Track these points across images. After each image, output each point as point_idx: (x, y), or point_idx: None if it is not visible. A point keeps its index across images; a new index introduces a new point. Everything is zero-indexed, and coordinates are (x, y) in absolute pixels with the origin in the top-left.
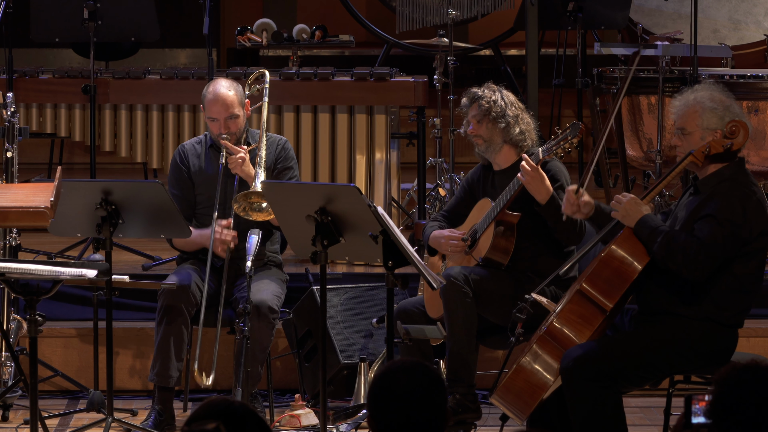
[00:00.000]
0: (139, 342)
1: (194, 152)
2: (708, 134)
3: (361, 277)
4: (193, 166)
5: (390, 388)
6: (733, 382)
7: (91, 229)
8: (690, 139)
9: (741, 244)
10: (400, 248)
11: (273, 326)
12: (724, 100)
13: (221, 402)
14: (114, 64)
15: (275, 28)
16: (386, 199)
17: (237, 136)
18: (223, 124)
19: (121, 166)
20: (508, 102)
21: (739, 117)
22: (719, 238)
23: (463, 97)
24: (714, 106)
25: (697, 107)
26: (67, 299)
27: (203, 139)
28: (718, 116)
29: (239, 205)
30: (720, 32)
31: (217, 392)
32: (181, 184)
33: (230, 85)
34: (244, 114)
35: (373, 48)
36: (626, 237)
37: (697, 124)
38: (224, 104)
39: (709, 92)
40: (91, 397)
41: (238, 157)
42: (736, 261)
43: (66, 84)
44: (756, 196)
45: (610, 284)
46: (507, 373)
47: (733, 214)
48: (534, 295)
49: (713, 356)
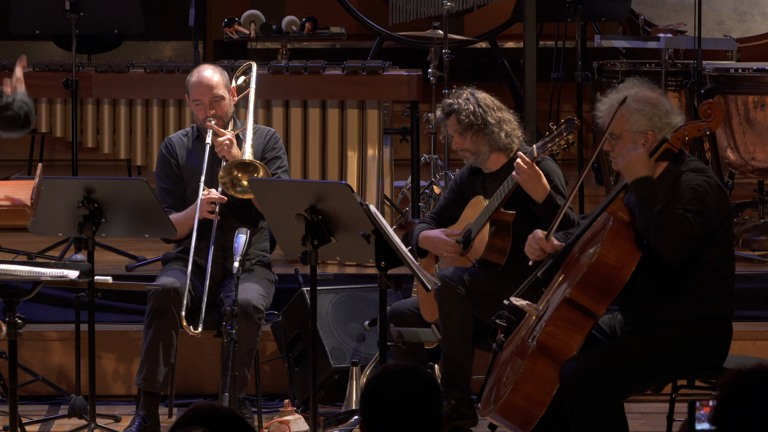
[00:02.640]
0: (122, 345)
1: (181, 144)
2: (639, 137)
3: (352, 278)
4: (181, 159)
5: (383, 394)
6: (738, 388)
7: (72, 229)
8: (621, 144)
9: (712, 232)
10: (393, 248)
11: (259, 326)
12: (651, 97)
13: (208, 407)
14: (96, 57)
15: (264, 19)
16: (379, 198)
17: (224, 121)
18: (208, 106)
19: (104, 163)
20: (485, 107)
21: (668, 114)
22: (696, 230)
23: (437, 109)
24: (640, 107)
25: (623, 110)
26: (48, 301)
27: (190, 131)
28: (646, 117)
29: (225, 177)
30: (725, 24)
31: (203, 397)
32: (171, 176)
33: (215, 69)
34: (230, 98)
35: (365, 40)
36: (613, 239)
37: (626, 127)
38: (209, 85)
39: (634, 90)
40: (73, 403)
41: (225, 139)
42: (708, 248)
43: (47, 78)
44: (713, 180)
45: (601, 290)
46: (497, 387)
47: (703, 206)
48: (513, 299)
49: (711, 353)
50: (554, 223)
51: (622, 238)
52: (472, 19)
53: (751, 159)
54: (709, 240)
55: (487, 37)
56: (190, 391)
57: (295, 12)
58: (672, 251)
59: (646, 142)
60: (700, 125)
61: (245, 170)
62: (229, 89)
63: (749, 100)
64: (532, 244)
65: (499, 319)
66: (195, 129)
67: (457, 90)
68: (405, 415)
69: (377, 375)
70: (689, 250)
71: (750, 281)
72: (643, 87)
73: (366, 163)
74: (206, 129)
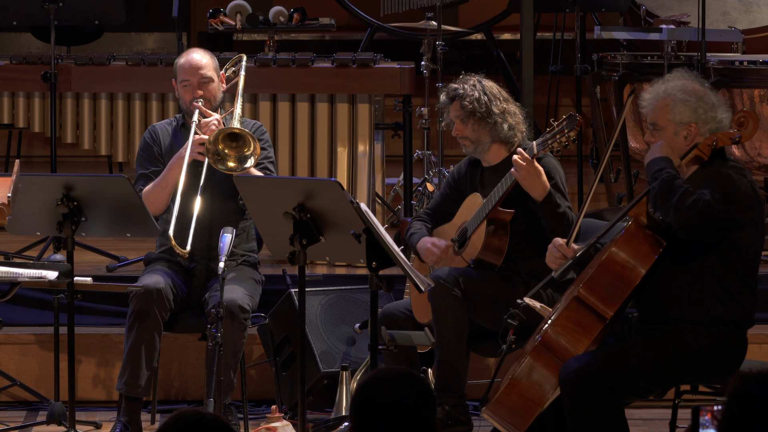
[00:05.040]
0: (103, 349)
1: (165, 132)
2: (681, 129)
3: (342, 279)
4: (165, 146)
5: (374, 399)
6: (745, 394)
7: (51, 228)
8: (663, 135)
9: (732, 218)
10: (385, 248)
11: (245, 328)
12: (698, 89)
13: (192, 414)
14: (76, 49)
15: (250, 10)
16: (370, 195)
17: (212, 105)
18: (196, 86)
19: (84, 160)
20: (491, 96)
21: (714, 108)
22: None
23: (440, 93)
24: (686, 98)
25: (668, 100)
26: (25, 303)
27: (174, 120)
28: (690, 108)
29: (212, 148)
30: (730, 15)
31: (187, 403)
32: (154, 161)
33: (204, 52)
34: (219, 82)
35: (355, 32)
36: (628, 239)
37: (669, 118)
38: (198, 65)
39: (681, 82)
40: (52, 409)
41: (213, 119)
42: (732, 254)
43: (24, 71)
44: (748, 177)
45: (611, 290)
46: (499, 385)
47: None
48: (527, 299)
49: (723, 365)
50: (573, 229)
51: (638, 240)
52: (467, 9)
53: (756, 155)
54: (729, 231)
55: (483, 28)
56: (173, 396)
57: (283, 2)
58: (679, 216)
59: (689, 135)
60: (731, 134)
61: (233, 145)
62: (218, 73)
63: (755, 94)
64: (553, 252)
65: (512, 318)
66: (181, 117)
67: (465, 76)
68: (397, 422)
69: (368, 380)
70: (701, 220)
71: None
72: (691, 78)
73: (356, 160)
74: (192, 111)
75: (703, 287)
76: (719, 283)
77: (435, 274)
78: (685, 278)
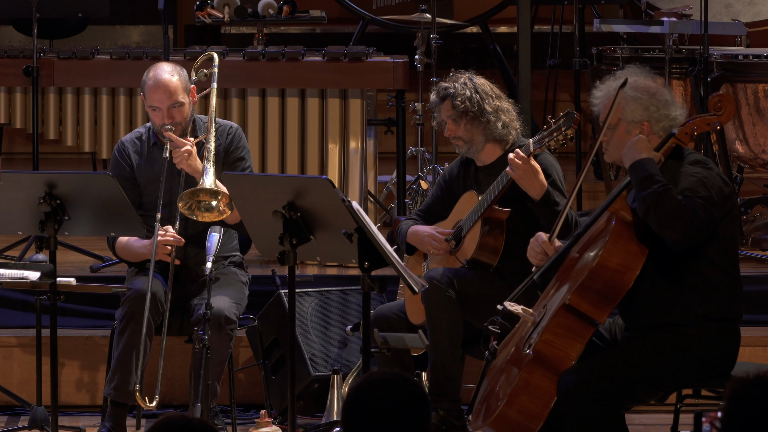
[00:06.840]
0: (86, 352)
1: (135, 148)
2: (633, 127)
3: (333, 279)
4: (135, 163)
5: (366, 404)
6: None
7: (33, 227)
8: (615, 134)
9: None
10: (378, 248)
11: (231, 338)
12: (650, 86)
13: (179, 419)
14: (59, 42)
15: (238, 2)
16: (362, 193)
17: (183, 127)
18: (166, 114)
19: (67, 156)
20: (483, 94)
21: (667, 105)
22: (700, 212)
23: (431, 92)
24: (637, 96)
25: (619, 98)
26: (6, 304)
27: (144, 132)
28: (642, 106)
29: (185, 204)
30: (733, 7)
31: (173, 408)
32: (124, 183)
33: (173, 69)
34: (190, 101)
35: (347, 25)
36: (616, 241)
37: (620, 116)
38: (167, 91)
39: (632, 79)
40: (34, 413)
41: (184, 150)
42: (711, 244)
43: (5, 65)
44: (715, 171)
45: (602, 296)
46: (488, 396)
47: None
48: (506, 303)
49: (717, 360)
50: (557, 225)
51: (626, 239)
52: (463, 1)
53: (761, 152)
54: (712, 232)
55: (479, 21)
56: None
57: None
58: (675, 232)
59: (641, 134)
60: (709, 119)
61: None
62: (189, 90)
63: (759, 89)
64: (535, 247)
65: (492, 325)
66: (151, 132)
67: (455, 73)
68: (390, 427)
69: (360, 384)
70: (693, 233)
71: (761, 283)
72: (643, 75)
73: (348, 157)
74: (163, 134)
75: (688, 287)
76: (702, 279)
77: (429, 274)
78: (668, 281)
